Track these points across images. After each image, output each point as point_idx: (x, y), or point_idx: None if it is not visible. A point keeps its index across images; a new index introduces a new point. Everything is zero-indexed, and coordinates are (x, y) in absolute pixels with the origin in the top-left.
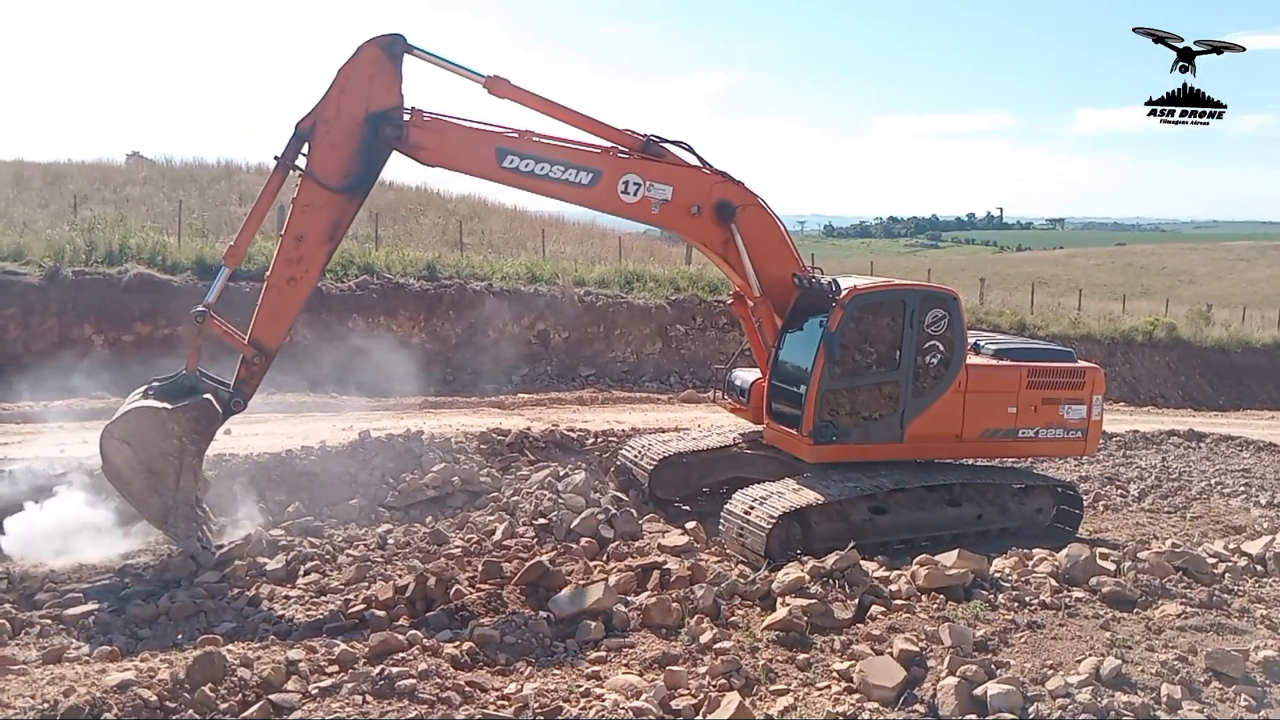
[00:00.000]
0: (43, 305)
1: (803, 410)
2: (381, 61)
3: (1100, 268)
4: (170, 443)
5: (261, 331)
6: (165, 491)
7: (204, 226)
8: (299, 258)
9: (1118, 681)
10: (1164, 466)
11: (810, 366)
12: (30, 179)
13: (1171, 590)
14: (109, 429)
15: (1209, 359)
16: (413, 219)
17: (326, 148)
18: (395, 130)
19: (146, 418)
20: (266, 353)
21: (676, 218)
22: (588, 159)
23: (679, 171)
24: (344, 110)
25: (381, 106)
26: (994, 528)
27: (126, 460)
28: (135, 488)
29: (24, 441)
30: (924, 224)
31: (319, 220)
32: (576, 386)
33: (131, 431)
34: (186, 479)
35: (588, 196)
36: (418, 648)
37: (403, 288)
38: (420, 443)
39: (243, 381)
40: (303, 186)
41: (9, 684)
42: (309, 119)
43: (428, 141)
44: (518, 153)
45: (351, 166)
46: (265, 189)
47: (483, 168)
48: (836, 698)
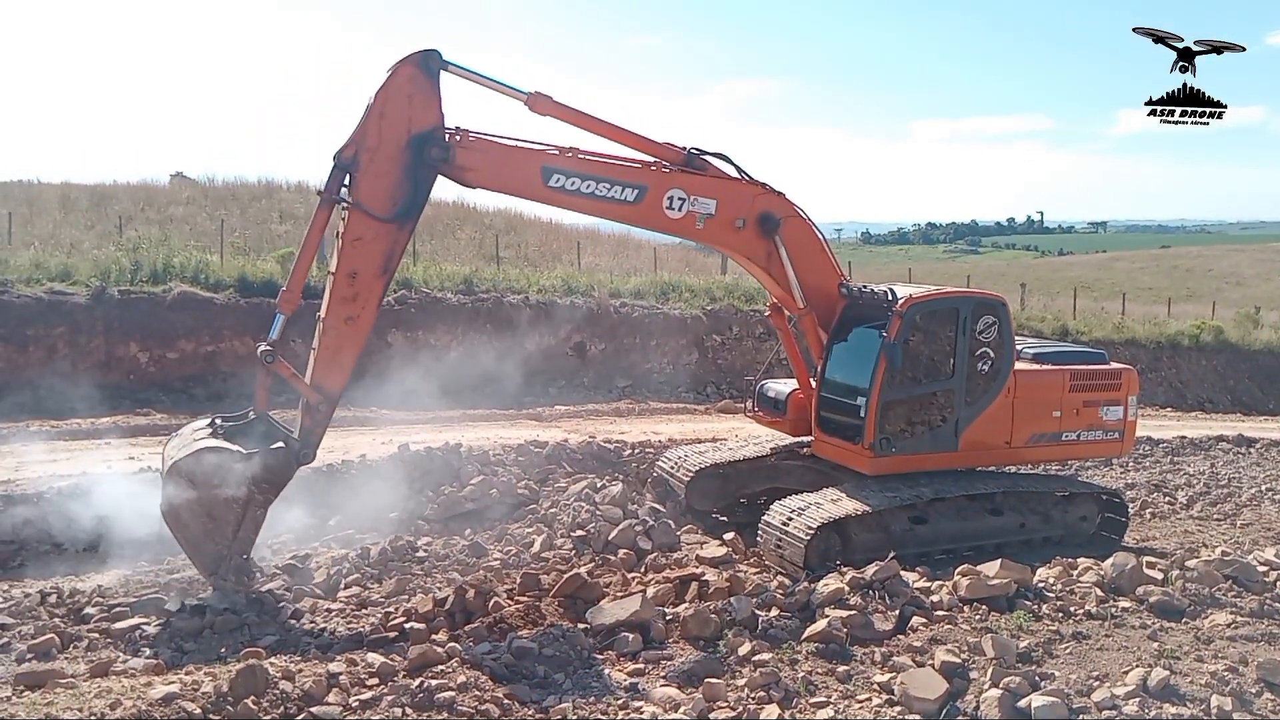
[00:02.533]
0: (90, 324)
1: (862, 422)
2: (418, 80)
3: (1144, 271)
4: (239, 490)
5: (322, 375)
6: (221, 540)
7: (246, 245)
8: (354, 295)
9: (1166, 693)
10: (1213, 473)
11: (869, 377)
12: (77, 201)
13: (1221, 599)
14: (176, 465)
15: (1258, 362)
16: (449, 234)
17: (371, 177)
18: (441, 151)
19: (218, 460)
20: (330, 397)
21: (721, 232)
22: (632, 175)
23: (722, 184)
24: (386, 135)
25: (424, 127)
26: (1037, 536)
27: (188, 502)
28: (191, 532)
29: (71, 458)
30: (963, 229)
31: (371, 254)
32: (613, 398)
33: (199, 472)
34: (247, 530)
35: (633, 214)
36: (456, 660)
37: (440, 302)
38: (459, 455)
39: (308, 430)
40: (350, 220)
41: (57, 697)
42: (349, 149)
43: (474, 163)
44: (564, 171)
45: (399, 194)
46: (312, 226)
47: (529, 188)
48: (877, 710)
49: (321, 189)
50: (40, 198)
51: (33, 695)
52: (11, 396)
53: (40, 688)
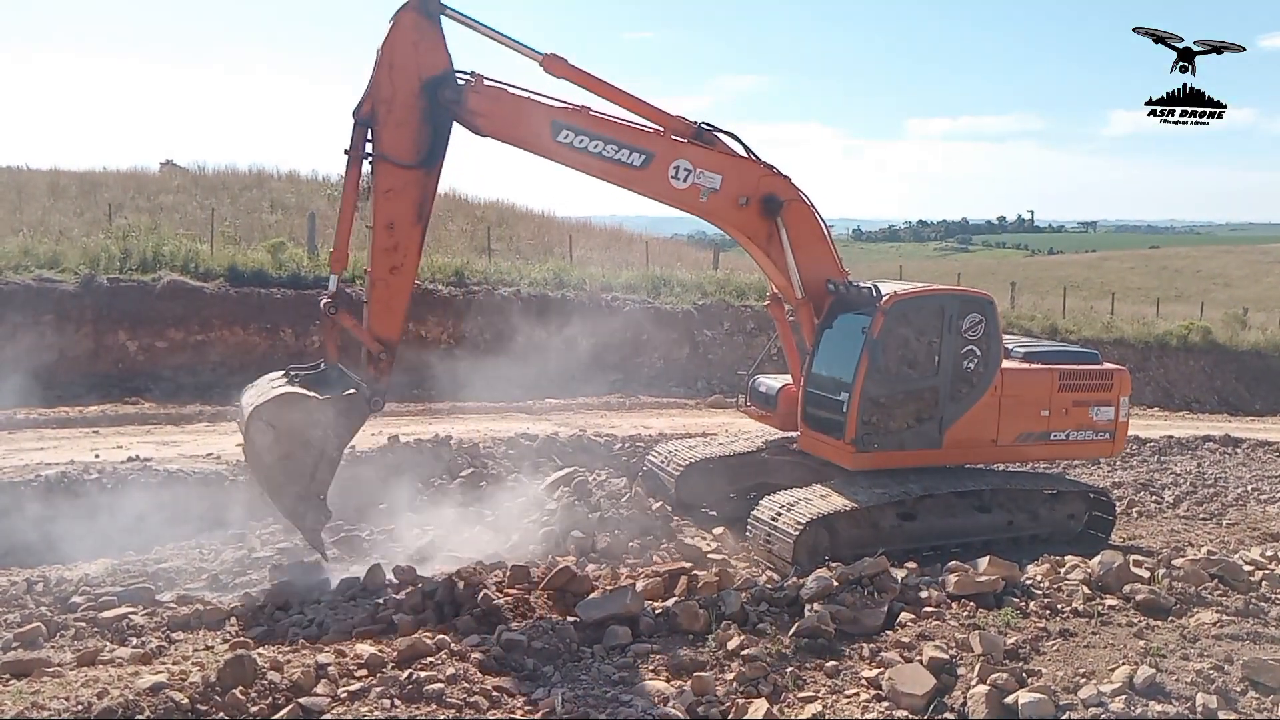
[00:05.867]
0: (78, 312)
1: (844, 417)
2: (421, 25)
3: (1133, 271)
4: (315, 432)
5: (379, 326)
6: (300, 481)
7: (236, 234)
8: (394, 245)
9: (1152, 691)
10: (1199, 472)
11: (851, 373)
12: (66, 188)
13: (1207, 598)
14: (257, 410)
15: (1245, 363)
16: (441, 225)
17: (392, 127)
18: (454, 93)
19: (297, 405)
20: (390, 346)
21: (723, 208)
22: (642, 139)
23: (729, 161)
24: (398, 85)
25: (434, 72)
26: (1025, 534)
27: (269, 444)
28: (274, 473)
29: (59, 446)
30: (954, 227)
31: (404, 202)
32: (603, 392)
33: (279, 416)
34: (324, 471)
35: (638, 178)
36: (445, 652)
37: (431, 294)
38: (448, 448)
39: (374, 379)
40: (378, 173)
41: (44, 686)
42: (366, 103)
43: (485, 108)
44: (573, 127)
45: (421, 139)
46: (346, 184)
47: (537, 141)
48: (865, 705)
49: (348, 149)
50: (29, 184)
51: (19, 684)
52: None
53: (26, 676)
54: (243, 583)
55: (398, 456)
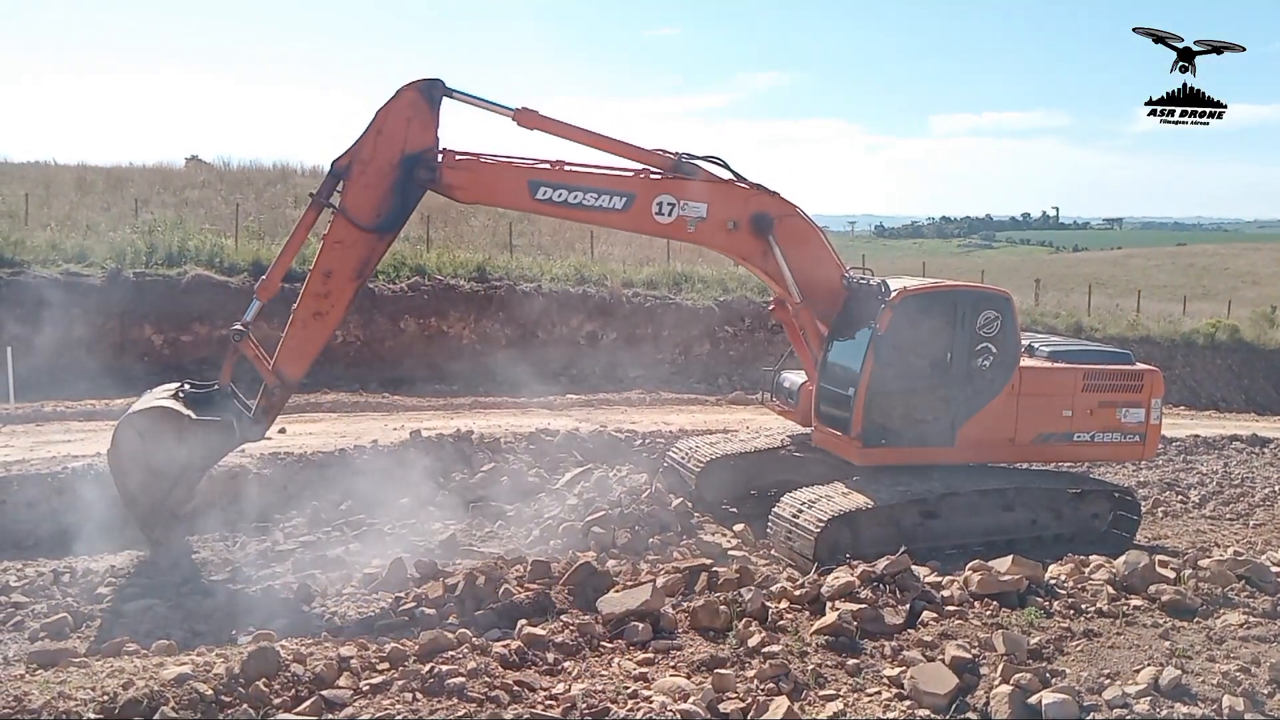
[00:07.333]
0: (105, 306)
1: (851, 413)
2: (419, 105)
3: (1160, 268)
4: (181, 451)
5: (285, 363)
6: (157, 493)
7: (260, 229)
8: (326, 293)
9: (1177, 692)
10: (1226, 472)
11: (859, 369)
12: (93, 183)
13: (1233, 599)
14: (130, 418)
15: (1273, 362)
16: (463, 221)
17: (360, 187)
18: (429, 172)
19: (170, 420)
20: (288, 384)
21: (713, 234)
22: (619, 184)
23: (712, 188)
24: (380, 151)
25: (417, 149)
26: (1048, 533)
27: (134, 452)
28: (132, 480)
29: (85, 439)
30: (978, 224)
31: (348, 258)
32: (624, 388)
33: (150, 428)
34: (181, 490)
35: (624, 220)
36: (466, 646)
37: (453, 289)
38: (470, 443)
39: (263, 410)
40: (335, 224)
41: (70, 676)
42: (345, 158)
43: (461, 181)
44: (550, 184)
45: (384, 206)
46: (299, 225)
47: (517, 200)
48: (887, 704)
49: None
50: (56, 179)
51: (45, 674)
52: (27, 377)
53: (53, 666)
54: (265, 575)
55: (419, 451)
